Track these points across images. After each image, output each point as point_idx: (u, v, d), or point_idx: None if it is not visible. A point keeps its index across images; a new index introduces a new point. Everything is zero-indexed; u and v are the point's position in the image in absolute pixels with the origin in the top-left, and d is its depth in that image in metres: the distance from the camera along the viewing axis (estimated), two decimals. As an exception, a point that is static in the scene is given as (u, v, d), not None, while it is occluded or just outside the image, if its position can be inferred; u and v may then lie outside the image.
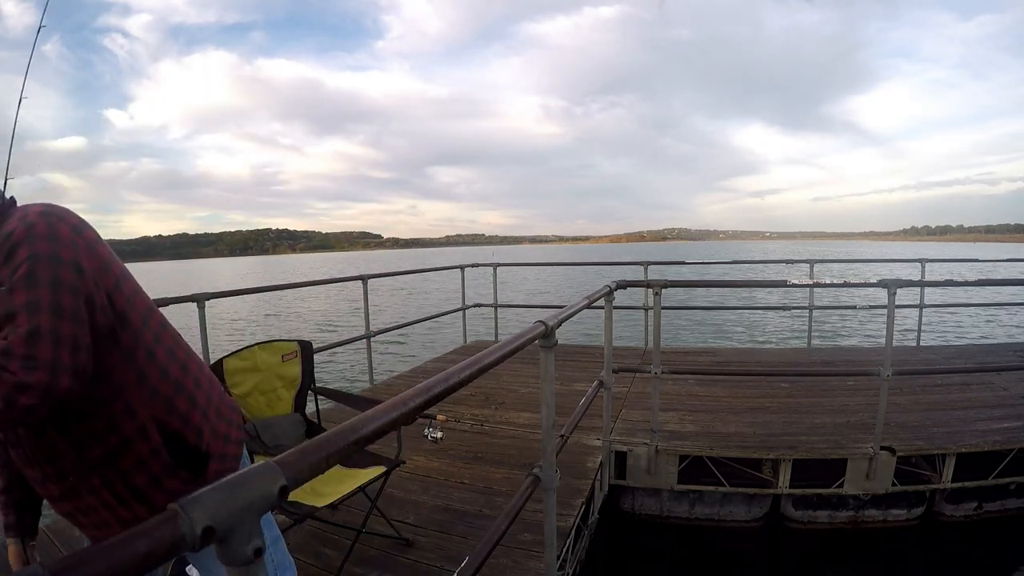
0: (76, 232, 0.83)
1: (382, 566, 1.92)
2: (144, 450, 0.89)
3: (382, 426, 0.66)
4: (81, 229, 0.84)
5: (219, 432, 0.99)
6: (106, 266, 0.86)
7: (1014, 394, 3.53)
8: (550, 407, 1.49)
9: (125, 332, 0.87)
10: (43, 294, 0.77)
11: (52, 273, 0.78)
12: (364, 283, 4.05)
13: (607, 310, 2.63)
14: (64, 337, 0.77)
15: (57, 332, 0.77)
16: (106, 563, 0.35)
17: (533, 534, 2.02)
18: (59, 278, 0.78)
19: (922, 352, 5.08)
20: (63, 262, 0.79)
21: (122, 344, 0.87)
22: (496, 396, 3.87)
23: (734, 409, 3.42)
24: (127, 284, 0.91)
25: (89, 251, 0.83)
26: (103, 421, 0.87)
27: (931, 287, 4.20)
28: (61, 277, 0.78)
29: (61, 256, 0.79)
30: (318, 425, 2.10)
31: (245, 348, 1.96)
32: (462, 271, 5.49)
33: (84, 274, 0.81)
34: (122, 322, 0.87)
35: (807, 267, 5.45)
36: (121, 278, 0.89)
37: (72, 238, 0.82)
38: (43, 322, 0.76)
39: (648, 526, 3.00)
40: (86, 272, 0.82)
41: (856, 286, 3.09)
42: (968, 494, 2.89)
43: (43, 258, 0.78)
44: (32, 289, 0.76)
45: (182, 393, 0.94)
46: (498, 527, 1.32)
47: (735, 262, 7.50)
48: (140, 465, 0.90)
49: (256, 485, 0.46)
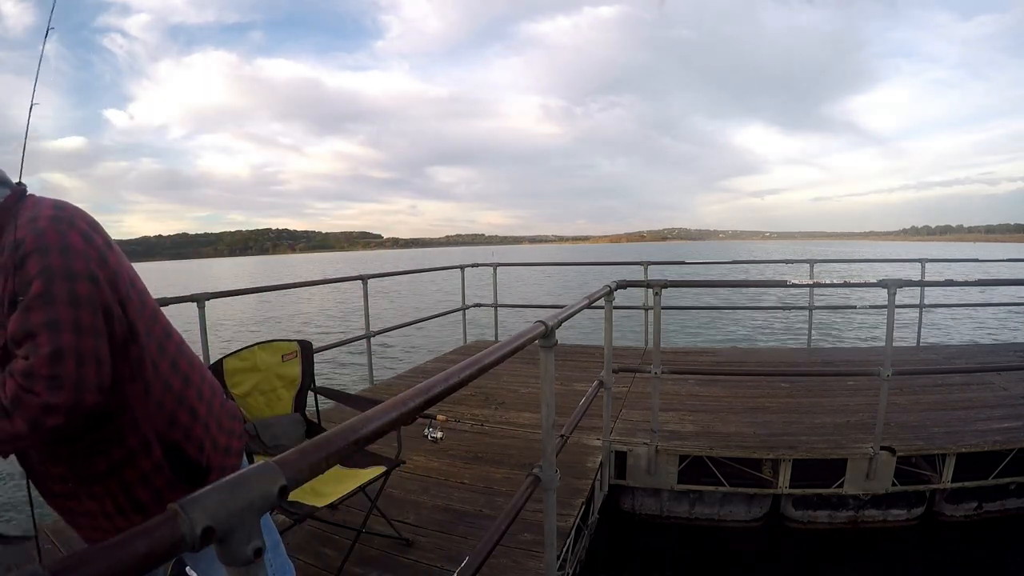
0: (87, 241, 0.81)
1: (382, 566, 1.92)
2: (147, 464, 0.89)
3: (382, 426, 0.66)
4: (91, 236, 0.82)
5: (219, 444, 0.98)
6: (116, 274, 0.85)
7: (1014, 394, 3.52)
8: (550, 407, 1.49)
9: (134, 344, 0.86)
10: (62, 312, 0.75)
11: (68, 289, 0.76)
12: (364, 283, 4.05)
13: (607, 310, 2.63)
14: (87, 354, 0.77)
15: (80, 350, 0.76)
16: (106, 563, 0.35)
17: (533, 534, 2.02)
18: (76, 293, 0.77)
19: (922, 352, 5.08)
20: (78, 276, 0.77)
21: (130, 356, 0.86)
22: (496, 396, 3.86)
23: (734, 409, 3.42)
24: (135, 291, 0.89)
25: (101, 260, 0.82)
26: (109, 434, 0.86)
27: (931, 287, 4.20)
28: (78, 292, 0.77)
29: (75, 269, 0.77)
30: (318, 425, 2.10)
31: (245, 348, 1.96)
32: (462, 271, 5.49)
33: (99, 284, 0.80)
34: (132, 333, 0.86)
35: (807, 267, 5.45)
36: (131, 285, 0.88)
37: (84, 248, 0.80)
38: (65, 341, 0.75)
39: (648, 526, 3.00)
40: (100, 281, 0.80)
41: (856, 286, 3.09)
42: (968, 494, 2.89)
43: (57, 273, 0.76)
44: (50, 306, 0.75)
45: (184, 406, 0.93)
46: (498, 527, 1.32)
47: (735, 262, 7.50)
48: (143, 479, 0.89)
49: (256, 485, 0.46)
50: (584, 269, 27.60)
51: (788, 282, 3.07)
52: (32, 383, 0.73)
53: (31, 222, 0.78)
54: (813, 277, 5.21)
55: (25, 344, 0.75)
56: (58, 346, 0.74)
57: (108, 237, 0.87)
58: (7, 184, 0.85)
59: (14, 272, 0.76)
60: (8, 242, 0.77)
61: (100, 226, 0.86)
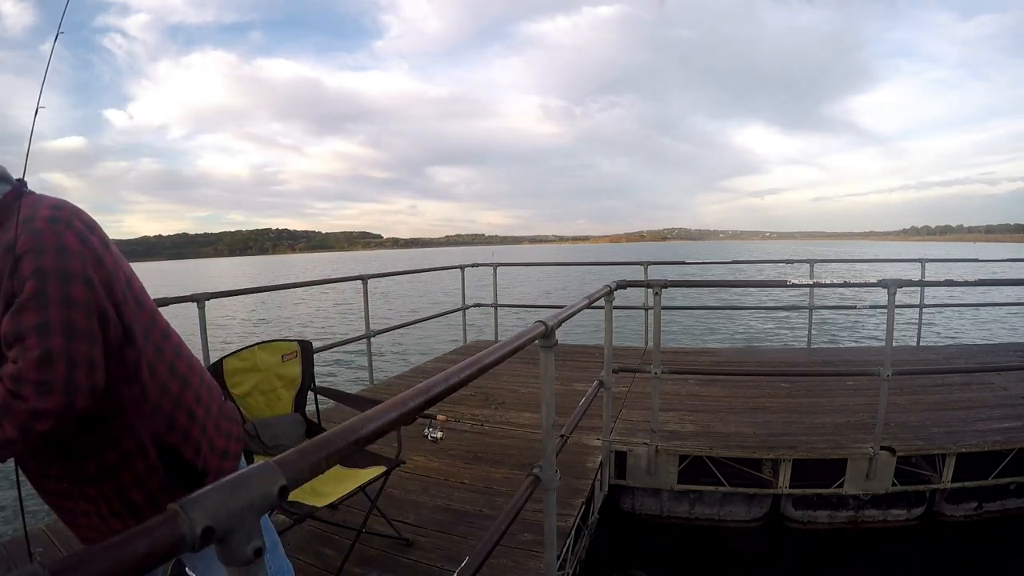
0: (83, 242, 0.79)
1: (382, 566, 1.92)
2: (141, 467, 0.88)
3: (382, 426, 0.66)
4: (87, 237, 0.80)
5: (217, 447, 0.97)
6: (112, 276, 0.83)
7: (1014, 394, 3.52)
8: (550, 407, 1.49)
9: (130, 348, 0.85)
10: (53, 314, 0.73)
11: (62, 290, 0.74)
12: (364, 283, 4.05)
13: (607, 310, 2.63)
14: (79, 357, 0.75)
15: (71, 353, 0.74)
16: (106, 563, 0.35)
17: (533, 534, 2.02)
18: (70, 295, 0.75)
19: (922, 352, 5.07)
20: (72, 277, 0.76)
21: (126, 360, 0.84)
22: (496, 396, 3.86)
23: (734, 409, 3.42)
24: (132, 293, 0.88)
25: (97, 262, 0.80)
26: (102, 437, 0.85)
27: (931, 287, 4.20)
28: (72, 294, 0.75)
29: (70, 270, 0.75)
30: (318, 425, 2.10)
31: (245, 348, 1.96)
32: (462, 271, 5.49)
33: (94, 287, 0.78)
34: (128, 337, 0.85)
35: (807, 267, 5.45)
36: (127, 287, 0.86)
37: (80, 249, 0.78)
38: (54, 344, 0.73)
39: (648, 526, 3.00)
40: (95, 284, 0.79)
41: (856, 286, 3.09)
42: (968, 494, 2.89)
43: (51, 274, 0.74)
44: (42, 309, 0.73)
45: (182, 408, 0.92)
46: (498, 527, 1.32)
47: (735, 262, 7.50)
48: (137, 481, 0.88)
49: (256, 485, 0.46)
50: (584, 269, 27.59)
51: (788, 282, 3.07)
52: (20, 387, 0.72)
53: (28, 222, 0.76)
54: (813, 277, 5.21)
55: (15, 347, 0.73)
56: (47, 349, 0.72)
57: (105, 237, 0.85)
58: (7, 180, 0.84)
59: (8, 274, 0.74)
60: (5, 241, 0.76)
61: (98, 226, 0.85)
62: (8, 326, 0.73)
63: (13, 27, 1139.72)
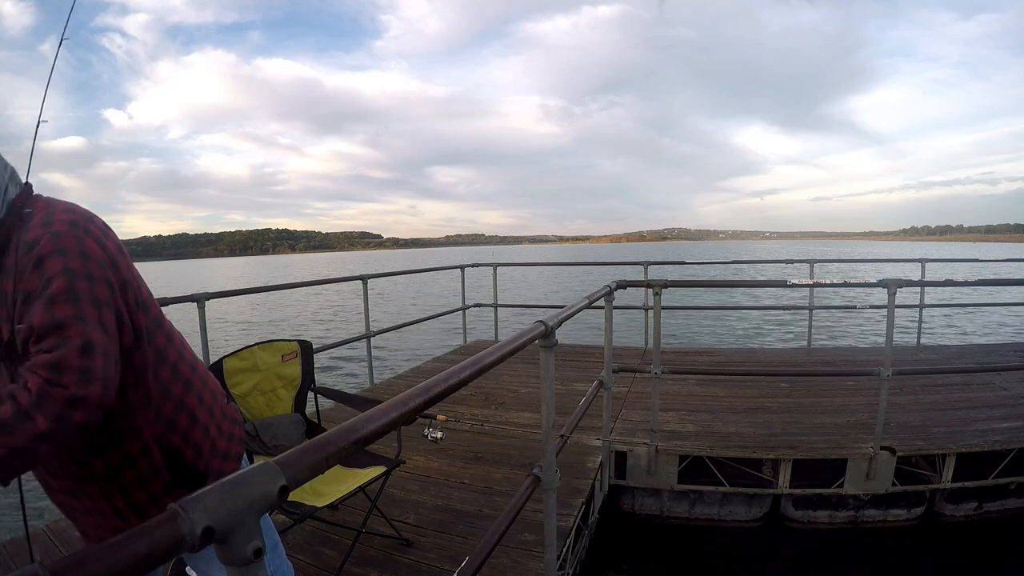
0: (102, 247, 0.82)
1: (382, 566, 1.92)
2: (145, 467, 0.89)
3: (382, 426, 0.66)
4: (104, 242, 0.83)
5: (219, 449, 0.98)
6: (126, 280, 0.86)
7: (1014, 394, 3.52)
8: (550, 407, 1.49)
9: (137, 351, 0.87)
10: (87, 309, 0.76)
11: (91, 290, 0.77)
12: (364, 283, 4.05)
13: (607, 310, 2.63)
14: (111, 353, 0.78)
15: (106, 347, 0.77)
16: (106, 563, 0.35)
17: (533, 534, 2.02)
18: (98, 296, 0.78)
19: (922, 352, 5.07)
20: (96, 279, 0.78)
21: (134, 363, 0.86)
22: (496, 396, 3.86)
23: (734, 409, 3.42)
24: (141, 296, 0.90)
25: (113, 266, 0.83)
26: (108, 438, 0.86)
27: (931, 287, 4.20)
28: (99, 295, 0.78)
29: (93, 273, 0.78)
30: (318, 425, 2.10)
31: (245, 348, 1.96)
32: (462, 271, 5.49)
33: (114, 291, 0.81)
34: (137, 339, 0.87)
35: (807, 267, 5.45)
36: (138, 291, 0.89)
37: (100, 254, 0.81)
38: (94, 336, 0.75)
39: (648, 526, 3.00)
40: (115, 286, 0.82)
41: (856, 286, 3.09)
42: (968, 494, 2.89)
43: (79, 274, 0.77)
44: (77, 303, 0.75)
45: (184, 410, 0.93)
46: (498, 527, 1.32)
47: (735, 262, 7.49)
48: (139, 481, 0.89)
49: (256, 485, 0.46)
50: (584, 269, 27.60)
51: (788, 282, 3.07)
52: (60, 375, 0.72)
53: (46, 224, 0.78)
54: (813, 277, 5.21)
55: (50, 337, 0.74)
56: (88, 339, 0.74)
57: (119, 242, 0.87)
58: (18, 183, 0.85)
59: (30, 271, 0.75)
60: (22, 241, 0.77)
61: (111, 230, 0.87)
62: (42, 317, 0.74)
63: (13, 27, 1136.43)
